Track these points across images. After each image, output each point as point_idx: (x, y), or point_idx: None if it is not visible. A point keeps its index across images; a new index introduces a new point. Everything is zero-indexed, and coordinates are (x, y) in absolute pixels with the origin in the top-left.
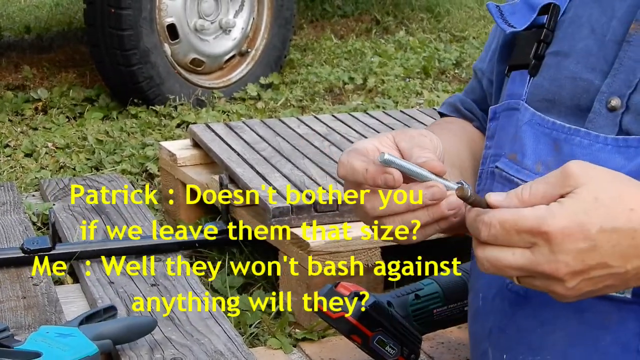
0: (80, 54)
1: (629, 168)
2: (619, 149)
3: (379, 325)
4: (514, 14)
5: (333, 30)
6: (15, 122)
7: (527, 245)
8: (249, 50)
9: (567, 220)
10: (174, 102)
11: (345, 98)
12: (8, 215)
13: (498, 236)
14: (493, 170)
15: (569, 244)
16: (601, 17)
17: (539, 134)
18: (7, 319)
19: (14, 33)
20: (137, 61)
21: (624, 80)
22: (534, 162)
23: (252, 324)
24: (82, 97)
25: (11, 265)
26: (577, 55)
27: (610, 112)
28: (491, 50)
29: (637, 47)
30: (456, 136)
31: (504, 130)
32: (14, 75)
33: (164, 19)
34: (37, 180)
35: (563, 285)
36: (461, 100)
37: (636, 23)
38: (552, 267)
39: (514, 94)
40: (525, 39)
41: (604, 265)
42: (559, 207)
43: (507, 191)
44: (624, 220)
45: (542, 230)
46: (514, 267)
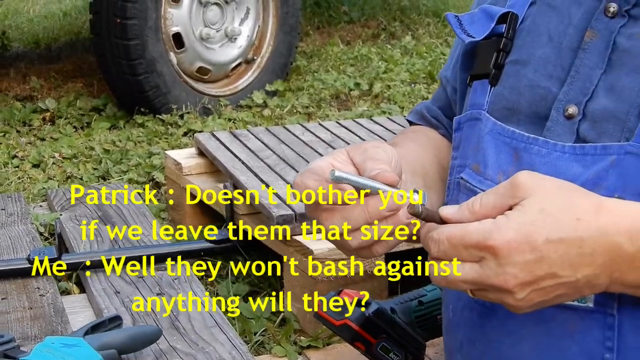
0: (88, 63)
1: (586, 176)
2: (576, 157)
3: (383, 332)
4: (473, 23)
5: (339, 36)
6: (23, 132)
7: (475, 259)
8: (255, 57)
9: (512, 232)
10: (180, 110)
11: (351, 104)
12: (15, 226)
13: (447, 252)
14: (459, 181)
15: (515, 256)
16: (559, 25)
17: (500, 143)
18: (14, 330)
19: (23, 44)
20: (144, 70)
21: (580, 88)
22: (496, 172)
23: (257, 332)
24: (89, 106)
25: (18, 276)
26: (535, 64)
27: (568, 120)
28: (454, 58)
29: (592, 55)
30: (419, 145)
31: (468, 141)
32: (22, 85)
33: (169, 28)
34: (45, 191)
35: (513, 296)
36: (427, 107)
37: (591, 31)
38: (500, 279)
39: (476, 103)
40: (485, 49)
41: (552, 275)
42: (505, 220)
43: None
44: (570, 230)
45: (488, 245)
46: (464, 281)
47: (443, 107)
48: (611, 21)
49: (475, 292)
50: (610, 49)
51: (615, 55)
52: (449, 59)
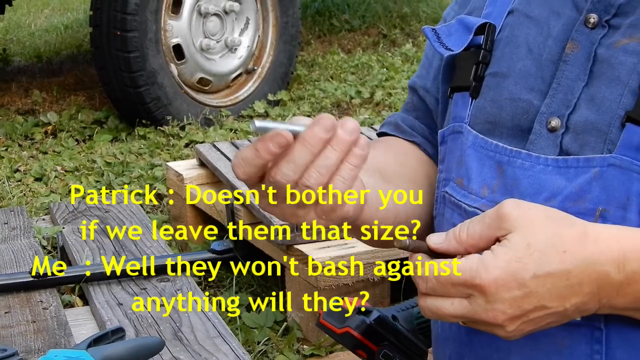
0: (89, 76)
1: (570, 189)
2: (560, 170)
3: (385, 339)
4: (451, 35)
5: (340, 44)
6: (25, 146)
7: (464, 296)
8: (256, 68)
9: (499, 270)
10: (181, 122)
11: (353, 112)
12: (18, 239)
13: (435, 289)
14: (444, 195)
15: (503, 294)
16: (537, 36)
17: (483, 157)
18: (17, 344)
19: (24, 58)
20: (144, 82)
21: (562, 100)
22: (480, 186)
23: (260, 341)
24: (91, 119)
25: (21, 290)
26: (515, 76)
27: (551, 133)
28: (433, 68)
29: (574, 67)
30: (377, 149)
31: (452, 154)
32: (24, 99)
33: (169, 40)
34: (47, 204)
35: (503, 329)
36: (402, 118)
37: (572, 42)
38: (489, 315)
39: (458, 116)
40: (464, 60)
41: (541, 307)
42: (491, 257)
43: (446, 231)
44: (557, 263)
45: (475, 283)
46: (454, 315)
47: (419, 117)
48: (592, 32)
49: (466, 323)
50: (591, 60)
51: (596, 66)
52: (421, 68)
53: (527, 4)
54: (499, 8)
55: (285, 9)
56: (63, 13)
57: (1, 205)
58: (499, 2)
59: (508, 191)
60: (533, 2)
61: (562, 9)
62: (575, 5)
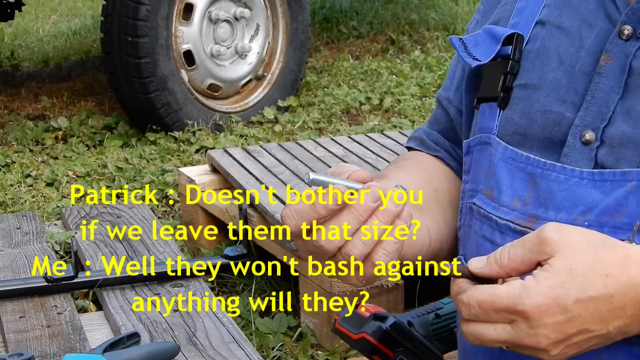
0: (99, 82)
1: (606, 203)
2: (595, 183)
3: (400, 345)
4: (478, 45)
5: (349, 51)
6: (36, 151)
7: (507, 321)
8: (265, 74)
9: (542, 296)
10: (192, 127)
11: (362, 119)
12: (31, 244)
13: (478, 315)
14: (471, 207)
15: (546, 319)
16: (569, 48)
17: (514, 168)
18: (33, 348)
19: (33, 63)
20: (155, 88)
21: (597, 113)
22: (511, 198)
23: (274, 347)
24: (101, 125)
25: (35, 295)
26: (547, 88)
27: (585, 146)
28: (456, 79)
29: (608, 79)
30: (408, 172)
31: (479, 165)
32: (34, 105)
33: (180, 46)
34: (59, 209)
35: (547, 353)
36: (426, 132)
37: (606, 54)
38: (533, 340)
39: (485, 127)
40: (491, 71)
41: (584, 331)
42: (534, 283)
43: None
44: (599, 287)
45: (518, 310)
46: (497, 341)
47: (443, 130)
48: (626, 44)
49: (509, 347)
50: (626, 73)
51: (632, 79)
52: (447, 80)
53: (557, 15)
54: (526, 18)
55: (295, 15)
56: (71, 19)
57: (13, 210)
58: (526, 12)
59: (542, 204)
60: (564, 14)
61: (594, 20)
62: (608, 16)
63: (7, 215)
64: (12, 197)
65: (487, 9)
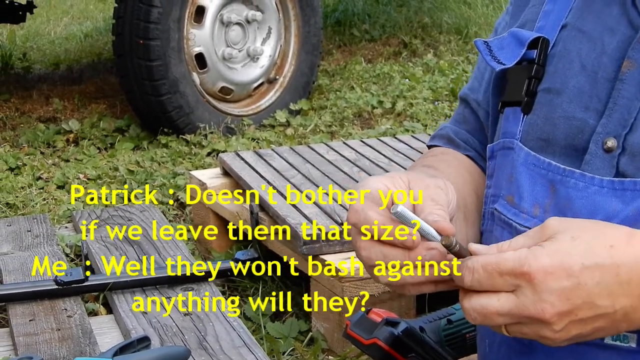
0: (110, 84)
1: (627, 212)
2: (615, 192)
3: (412, 351)
4: (503, 49)
5: (361, 54)
6: (47, 154)
7: (510, 289)
8: (277, 77)
9: (548, 259)
10: (203, 130)
11: (374, 122)
12: (42, 247)
13: (481, 280)
14: (493, 212)
15: (552, 283)
16: (591, 52)
17: (535, 175)
18: (42, 352)
19: (45, 66)
20: (167, 91)
21: (619, 120)
22: (531, 205)
23: (285, 351)
24: (112, 127)
25: (45, 298)
26: (569, 94)
27: (607, 154)
28: (485, 81)
29: (630, 86)
30: (458, 173)
31: (501, 170)
32: (45, 107)
33: (192, 49)
34: (70, 212)
35: (551, 328)
36: (454, 131)
37: (628, 60)
38: (537, 308)
39: (508, 132)
40: (516, 75)
41: (590, 304)
42: (540, 248)
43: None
44: (605, 256)
45: (523, 271)
46: (500, 313)
47: (472, 130)
48: None
49: (511, 327)
50: None
51: None
52: (472, 78)
53: (579, 18)
54: (552, 22)
55: (307, 18)
56: (82, 21)
57: (24, 213)
58: (552, 15)
59: (561, 211)
60: (586, 17)
61: (616, 26)
62: (631, 22)
63: (18, 218)
64: (23, 199)
65: (515, 11)
